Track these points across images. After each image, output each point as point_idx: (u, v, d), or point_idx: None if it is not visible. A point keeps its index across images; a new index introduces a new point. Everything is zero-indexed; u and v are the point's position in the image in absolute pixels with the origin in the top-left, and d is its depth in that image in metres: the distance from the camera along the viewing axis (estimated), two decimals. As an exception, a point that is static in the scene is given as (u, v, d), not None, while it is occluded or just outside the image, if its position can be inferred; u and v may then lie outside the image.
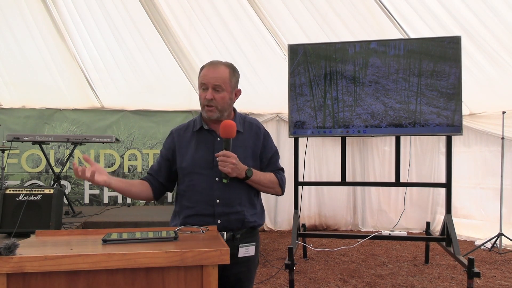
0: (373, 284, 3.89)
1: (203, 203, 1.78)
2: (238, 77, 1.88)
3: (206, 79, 1.77)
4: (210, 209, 1.77)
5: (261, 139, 1.90)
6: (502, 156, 5.11)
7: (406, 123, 3.95)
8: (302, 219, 6.01)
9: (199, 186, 1.79)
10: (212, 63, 1.82)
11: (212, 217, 1.76)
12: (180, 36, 5.58)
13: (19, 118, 5.98)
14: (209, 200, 1.77)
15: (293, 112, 4.12)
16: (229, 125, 1.70)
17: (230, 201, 1.79)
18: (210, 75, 1.77)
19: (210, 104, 1.77)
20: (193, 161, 1.81)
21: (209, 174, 1.79)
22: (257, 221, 1.87)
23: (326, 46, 4.13)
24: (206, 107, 1.78)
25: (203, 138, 1.84)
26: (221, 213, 1.77)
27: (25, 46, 5.62)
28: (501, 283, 3.91)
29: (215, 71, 1.78)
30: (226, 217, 1.77)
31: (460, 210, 5.91)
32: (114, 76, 5.98)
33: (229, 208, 1.78)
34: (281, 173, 1.96)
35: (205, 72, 1.79)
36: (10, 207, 3.31)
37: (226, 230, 1.76)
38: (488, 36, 4.69)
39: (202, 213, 1.77)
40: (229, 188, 1.78)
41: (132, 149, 6.23)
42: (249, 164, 1.80)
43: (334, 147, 6.36)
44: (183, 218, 1.81)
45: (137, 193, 1.87)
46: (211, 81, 1.76)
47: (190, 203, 1.81)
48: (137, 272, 1.25)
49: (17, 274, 1.19)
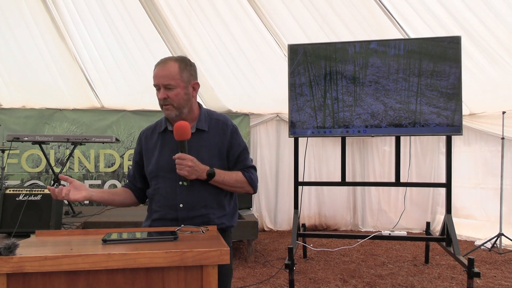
0: (373, 284, 3.89)
1: (167, 207, 1.75)
2: (193, 69, 1.81)
3: (156, 80, 1.74)
4: (174, 214, 1.74)
5: (227, 137, 1.81)
6: (502, 156, 5.11)
7: (406, 123, 3.95)
8: (302, 219, 6.02)
9: (163, 190, 1.77)
10: (161, 61, 1.77)
11: (175, 221, 1.73)
12: (180, 36, 5.58)
13: (19, 118, 5.98)
14: (173, 204, 1.74)
15: (293, 112, 4.13)
16: (182, 127, 1.65)
17: (194, 204, 1.75)
18: (159, 74, 1.74)
19: (166, 103, 1.74)
20: (158, 164, 1.78)
21: (173, 177, 1.75)
22: (225, 223, 1.80)
23: (326, 46, 4.13)
24: (163, 106, 1.76)
25: (167, 139, 1.79)
26: (185, 217, 1.73)
27: (25, 46, 5.62)
28: (501, 283, 3.91)
29: (163, 70, 1.74)
30: (190, 221, 1.72)
31: (460, 210, 5.91)
32: (114, 76, 5.98)
33: (192, 212, 1.74)
34: (251, 171, 1.87)
35: (155, 72, 1.75)
36: (10, 207, 3.31)
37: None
38: (488, 36, 4.69)
39: (166, 218, 1.75)
40: (192, 191, 1.73)
41: (132, 149, 6.22)
42: (215, 164, 1.75)
43: (334, 147, 6.36)
44: (151, 221, 1.80)
45: (121, 201, 1.87)
46: (161, 81, 1.73)
47: (157, 207, 1.79)
48: (137, 272, 1.25)
49: (17, 274, 1.19)
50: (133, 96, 6.20)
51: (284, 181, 6.43)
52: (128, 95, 6.19)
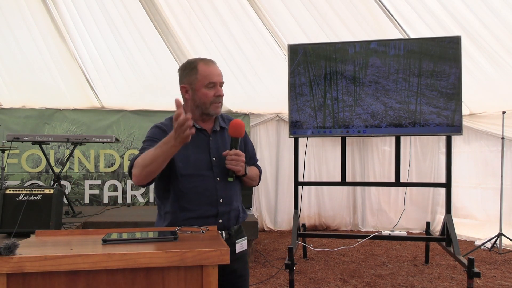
0: (373, 284, 3.89)
1: (207, 204, 1.77)
2: None
3: (215, 78, 1.78)
4: (214, 210, 1.77)
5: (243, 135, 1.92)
6: (502, 156, 5.11)
7: (406, 123, 3.95)
8: (302, 219, 6.02)
9: (202, 188, 1.77)
10: (210, 60, 1.82)
11: (214, 217, 1.77)
12: (180, 36, 5.58)
13: (19, 118, 5.98)
14: (212, 201, 1.78)
15: (293, 112, 4.13)
16: (240, 125, 1.75)
17: (230, 199, 1.82)
18: (217, 72, 1.80)
19: (220, 101, 1.81)
20: (192, 163, 1.78)
21: (210, 175, 1.79)
22: (245, 216, 1.93)
23: (326, 46, 4.13)
24: (214, 104, 1.79)
25: (196, 137, 1.78)
26: (223, 212, 1.79)
27: (25, 46, 5.62)
28: (501, 283, 3.91)
29: (218, 69, 1.81)
30: (227, 215, 1.80)
31: (460, 210, 5.91)
32: (114, 76, 5.98)
33: (229, 206, 1.81)
34: (259, 165, 2.05)
35: (211, 70, 1.79)
36: (10, 207, 3.31)
37: (224, 229, 1.78)
38: (488, 36, 4.69)
39: (206, 215, 1.77)
40: (228, 186, 1.80)
41: (132, 149, 6.23)
42: None
43: (334, 147, 6.36)
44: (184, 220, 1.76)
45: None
46: (219, 79, 1.80)
47: (192, 205, 1.77)
48: (137, 272, 1.24)
49: (17, 274, 1.18)
50: (133, 96, 6.20)
51: (284, 181, 6.43)
52: (128, 95, 6.19)
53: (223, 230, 1.78)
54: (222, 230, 1.76)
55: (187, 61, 1.86)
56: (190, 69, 1.80)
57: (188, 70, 1.81)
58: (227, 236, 1.78)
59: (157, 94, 6.18)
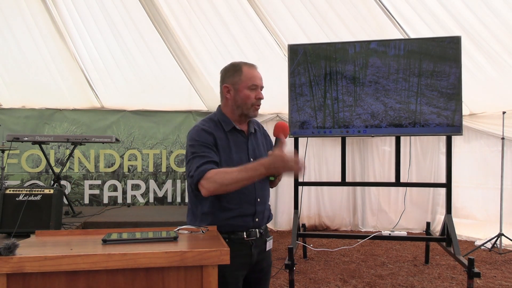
0: (373, 284, 3.89)
1: (246, 203, 1.81)
2: None
3: (258, 81, 1.86)
4: (252, 209, 1.81)
5: (267, 137, 2.03)
6: (502, 156, 5.11)
7: (406, 123, 3.95)
8: (302, 219, 6.01)
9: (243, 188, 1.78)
10: (252, 64, 1.92)
11: (252, 216, 1.81)
12: (180, 36, 5.58)
13: (19, 118, 5.98)
14: (251, 199, 1.82)
15: (293, 112, 4.13)
16: (287, 127, 1.86)
17: (265, 198, 1.89)
18: (259, 76, 1.88)
19: (259, 103, 1.87)
20: (235, 164, 1.78)
21: None
22: (272, 216, 1.98)
23: (326, 46, 4.13)
24: (254, 106, 1.86)
25: (235, 138, 1.86)
26: (260, 211, 1.84)
27: (25, 46, 5.62)
28: (501, 283, 3.91)
29: (260, 73, 1.89)
30: (262, 214, 1.86)
31: (460, 210, 5.91)
32: (114, 76, 5.98)
33: (264, 205, 1.88)
34: None
35: (255, 73, 1.87)
36: (10, 207, 3.31)
37: (259, 227, 1.83)
38: (488, 36, 4.69)
39: (245, 214, 1.80)
40: (263, 186, 1.87)
41: (132, 149, 6.23)
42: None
43: (334, 147, 6.36)
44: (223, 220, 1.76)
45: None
46: (261, 83, 1.88)
47: (232, 204, 1.78)
48: (137, 272, 1.25)
49: (17, 274, 1.19)
50: (133, 96, 6.20)
51: (284, 181, 6.39)
52: (128, 95, 6.19)
53: (257, 228, 1.82)
54: (256, 229, 1.81)
55: (230, 63, 1.93)
56: (235, 71, 1.87)
57: (232, 71, 1.87)
58: (259, 235, 1.82)
59: (157, 94, 6.18)
